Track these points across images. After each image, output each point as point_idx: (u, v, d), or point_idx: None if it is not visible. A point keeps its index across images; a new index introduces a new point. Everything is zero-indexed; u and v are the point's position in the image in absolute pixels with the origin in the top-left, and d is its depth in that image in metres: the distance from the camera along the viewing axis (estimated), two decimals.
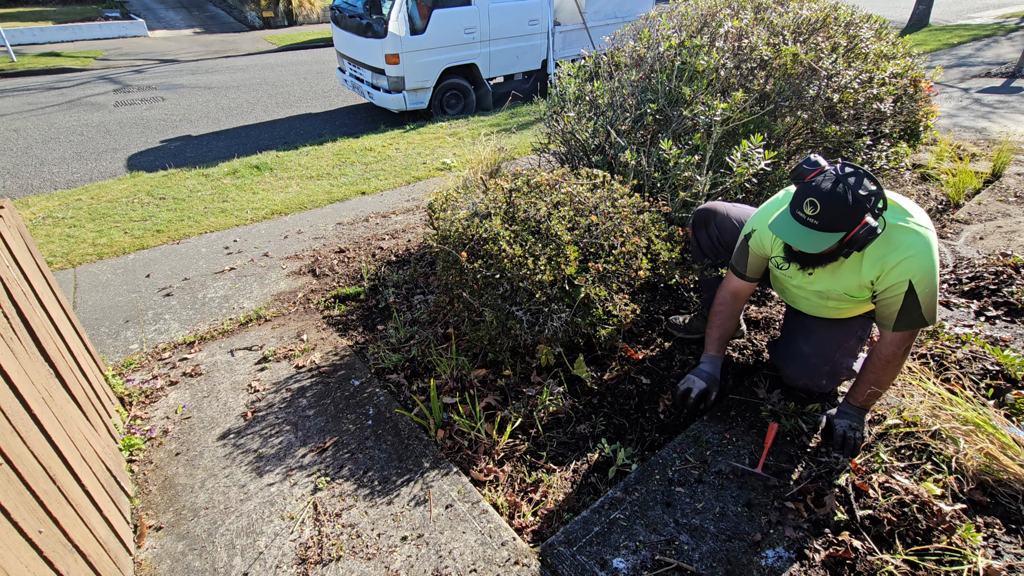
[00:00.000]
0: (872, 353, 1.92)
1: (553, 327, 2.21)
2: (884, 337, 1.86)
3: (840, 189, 1.61)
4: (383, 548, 1.80)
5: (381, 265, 3.51)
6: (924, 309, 1.75)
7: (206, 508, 1.97)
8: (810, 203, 1.64)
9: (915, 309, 1.75)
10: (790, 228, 1.72)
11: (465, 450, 2.15)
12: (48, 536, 1.30)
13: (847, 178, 1.64)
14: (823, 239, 1.67)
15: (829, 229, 1.65)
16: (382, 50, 6.73)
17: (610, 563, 1.70)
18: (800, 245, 1.70)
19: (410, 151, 5.82)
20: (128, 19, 15.23)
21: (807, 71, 3.05)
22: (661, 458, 2.05)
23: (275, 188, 4.91)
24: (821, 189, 1.64)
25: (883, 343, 1.87)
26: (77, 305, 3.21)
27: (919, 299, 1.73)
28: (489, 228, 2.29)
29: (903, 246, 1.71)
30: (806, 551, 1.70)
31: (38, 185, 5.59)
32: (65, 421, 1.63)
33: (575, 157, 3.26)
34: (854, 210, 1.61)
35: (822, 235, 1.67)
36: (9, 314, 1.60)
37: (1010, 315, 2.66)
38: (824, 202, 1.62)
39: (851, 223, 1.64)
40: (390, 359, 2.63)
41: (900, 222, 1.74)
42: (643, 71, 3.19)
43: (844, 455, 1.96)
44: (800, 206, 1.68)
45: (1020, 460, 1.76)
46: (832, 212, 1.62)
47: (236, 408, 2.42)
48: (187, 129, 7.34)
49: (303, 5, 16.41)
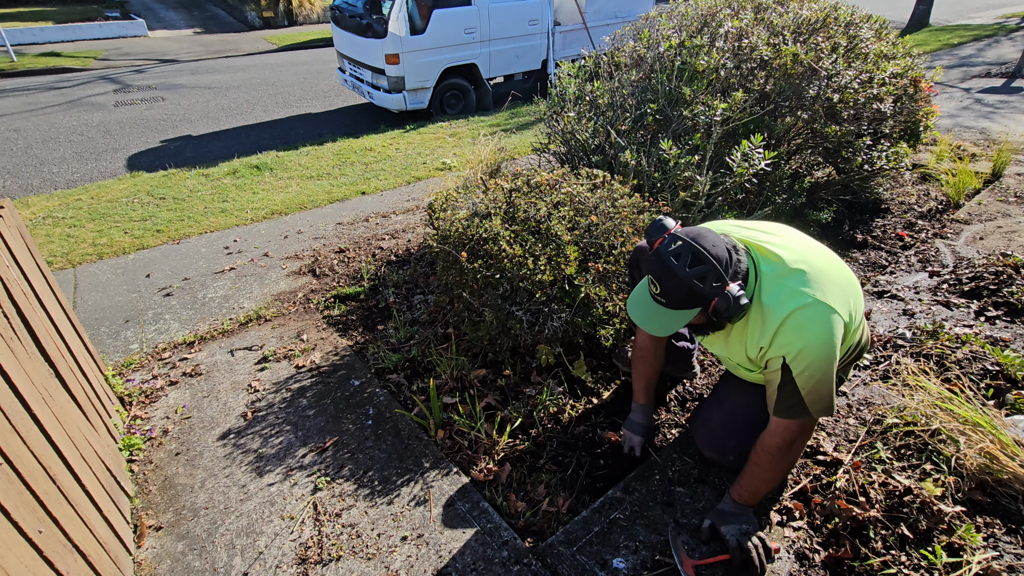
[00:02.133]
0: (757, 440, 1.63)
1: (553, 327, 2.21)
2: (771, 423, 1.57)
3: (671, 267, 1.41)
4: (383, 548, 1.80)
5: (381, 265, 3.51)
6: (805, 396, 1.45)
7: (206, 508, 1.97)
8: (651, 281, 1.46)
9: (793, 395, 1.46)
10: (643, 306, 1.52)
11: (465, 450, 2.15)
12: (48, 536, 1.30)
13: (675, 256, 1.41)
14: (676, 319, 1.47)
15: (678, 307, 1.45)
16: (382, 50, 6.73)
17: (610, 563, 1.70)
18: (653, 330, 1.51)
19: (410, 151, 5.82)
20: (128, 19, 15.22)
21: (807, 71, 3.05)
22: (661, 458, 2.06)
23: (275, 188, 4.91)
24: (655, 266, 1.44)
25: (768, 430, 1.58)
26: (77, 305, 3.21)
27: (796, 382, 1.44)
28: (489, 228, 2.29)
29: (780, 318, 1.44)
30: (806, 551, 1.70)
31: (38, 185, 5.59)
32: (65, 421, 1.63)
33: (575, 157, 3.26)
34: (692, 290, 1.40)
35: (673, 314, 1.46)
36: (9, 314, 1.60)
37: (1010, 315, 2.66)
38: (660, 281, 1.43)
39: (699, 301, 1.42)
40: (390, 359, 2.63)
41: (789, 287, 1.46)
42: (643, 71, 3.19)
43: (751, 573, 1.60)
44: (648, 282, 1.50)
45: (1020, 460, 1.76)
46: (672, 291, 1.42)
47: (236, 408, 2.42)
48: (187, 129, 7.34)
49: (303, 5, 16.40)
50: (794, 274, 1.48)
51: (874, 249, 3.50)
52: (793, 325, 1.43)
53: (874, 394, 2.28)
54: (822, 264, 1.52)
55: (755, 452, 1.63)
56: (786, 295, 1.46)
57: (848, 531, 1.72)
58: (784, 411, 1.50)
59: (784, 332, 1.44)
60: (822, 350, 1.42)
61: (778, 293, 1.47)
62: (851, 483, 1.86)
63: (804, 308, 1.43)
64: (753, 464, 1.63)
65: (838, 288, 1.49)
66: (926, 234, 3.59)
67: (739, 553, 1.62)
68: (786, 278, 1.48)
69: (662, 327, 1.50)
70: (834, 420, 2.18)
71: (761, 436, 1.61)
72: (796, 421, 1.51)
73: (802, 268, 1.49)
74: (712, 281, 1.39)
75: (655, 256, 1.46)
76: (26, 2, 18.08)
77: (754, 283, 1.51)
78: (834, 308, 1.44)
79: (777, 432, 1.55)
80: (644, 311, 1.52)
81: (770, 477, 1.62)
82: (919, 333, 2.58)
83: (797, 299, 1.44)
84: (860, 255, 3.45)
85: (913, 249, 3.42)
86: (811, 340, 1.42)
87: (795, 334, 1.43)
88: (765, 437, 1.59)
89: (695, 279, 1.39)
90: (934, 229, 3.64)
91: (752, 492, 1.66)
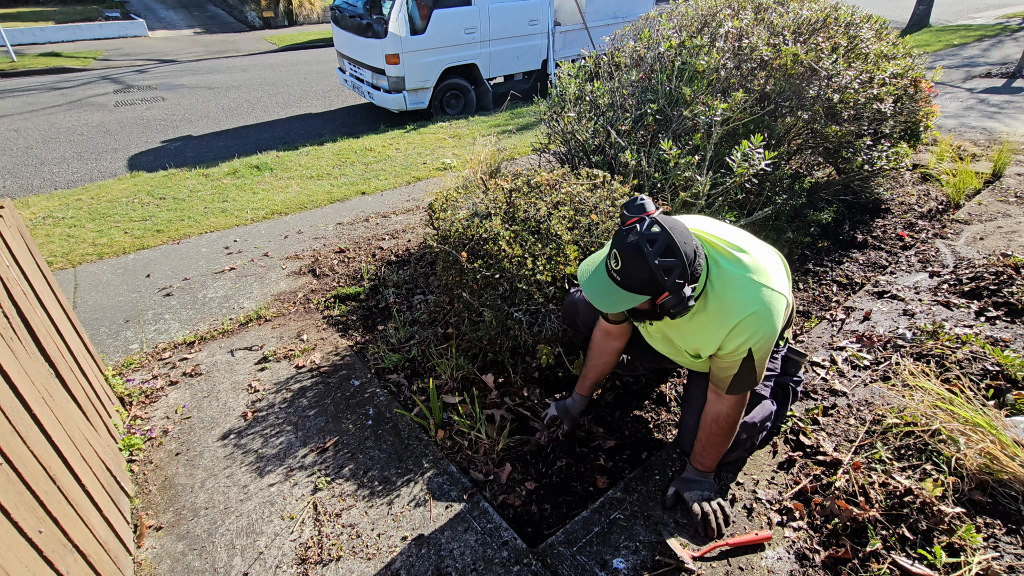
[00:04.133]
0: (706, 413, 1.77)
1: (552, 327, 2.21)
2: (720, 398, 1.72)
3: (642, 250, 1.40)
4: (383, 548, 1.80)
5: (381, 265, 3.51)
6: (757, 373, 1.63)
7: (206, 508, 1.97)
8: (614, 256, 1.45)
9: (750, 374, 1.63)
10: (596, 280, 1.52)
11: (465, 450, 2.15)
12: (48, 536, 1.30)
13: (650, 241, 1.41)
14: (623, 299, 1.47)
15: (631, 290, 1.45)
16: (382, 50, 6.73)
17: (610, 563, 1.70)
18: (598, 303, 1.50)
19: (410, 151, 5.82)
20: (128, 19, 15.23)
21: (807, 71, 3.05)
22: (661, 457, 2.05)
23: (275, 188, 4.91)
24: (626, 243, 1.42)
25: (725, 406, 1.72)
26: (77, 305, 3.21)
27: (755, 365, 1.61)
28: (489, 228, 2.29)
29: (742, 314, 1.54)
30: (806, 551, 1.70)
31: (38, 185, 5.59)
32: (65, 421, 1.63)
33: (575, 157, 3.26)
34: (654, 278, 1.41)
35: (623, 294, 1.46)
36: (9, 314, 1.60)
37: (1010, 315, 2.66)
38: (624, 259, 1.43)
39: (654, 290, 1.44)
40: (390, 359, 2.63)
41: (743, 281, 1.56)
42: (643, 71, 3.19)
43: (708, 535, 1.75)
44: (609, 256, 1.48)
45: (1020, 460, 1.76)
46: (632, 272, 1.42)
47: (236, 408, 2.42)
48: (187, 129, 7.34)
49: (303, 5, 16.41)
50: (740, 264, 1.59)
51: (874, 249, 3.50)
52: (757, 318, 1.54)
53: (874, 394, 2.28)
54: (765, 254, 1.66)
55: (713, 425, 1.77)
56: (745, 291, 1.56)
57: (848, 531, 1.72)
58: (740, 388, 1.67)
59: (746, 326, 1.55)
60: (774, 333, 1.58)
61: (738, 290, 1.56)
62: (851, 483, 1.86)
63: (764, 300, 1.55)
64: (712, 435, 1.78)
65: (780, 273, 1.65)
66: (926, 234, 3.58)
67: (700, 517, 1.77)
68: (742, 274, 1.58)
69: (607, 302, 1.50)
70: (834, 420, 2.19)
71: (715, 412, 1.75)
72: (746, 393, 1.71)
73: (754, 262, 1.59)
74: (676, 276, 1.42)
75: (628, 234, 1.43)
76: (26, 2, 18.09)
77: (703, 284, 1.57)
78: (784, 294, 1.60)
79: (733, 406, 1.72)
80: (595, 281, 1.53)
81: (727, 444, 1.81)
82: (919, 333, 2.58)
83: (755, 292, 1.55)
84: (860, 255, 3.45)
85: (913, 249, 3.41)
86: (769, 327, 1.56)
87: (757, 324, 1.55)
88: (722, 411, 1.73)
89: (662, 269, 1.40)
90: (934, 229, 3.64)
91: (713, 459, 1.84)
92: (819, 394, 2.32)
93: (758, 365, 1.62)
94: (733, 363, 1.62)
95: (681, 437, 1.98)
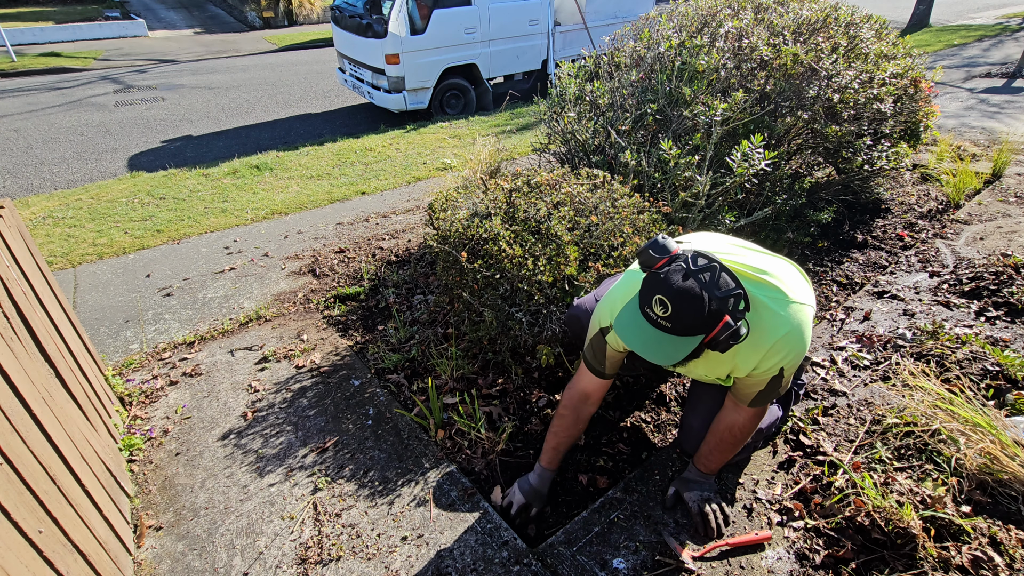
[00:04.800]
0: (720, 420, 1.75)
1: (553, 328, 2.21)
2: (739, 408, 1.69)
3: (694, 286, 1.30)
4: (383, 548, 1.80)
5: (381, 265, 3.51)
6: (782, 387, 1.60)
7: (206, 508, 1.97)
8: (659, 302, 1.31)
9: (775, 389, 1.60)
10: (640, 334, 1.38)
11: (465, 450, 2.15)
12: (48, 536, 1.30)
13: (700, 273, 1.31)
14: (679, 346, 1.35)
15: (686, 333, 1.32)
16: (382, 50, 6.73)
17: (610, 563, 1.70)
18: (654, 358, 1.37)
19: (410, 151, 5.82)
20: (128, 19, 15.22)
21: (807, 71, 3.05)
22: (661, 458, 2.06)
23: (275, 188, 4.91)
24: (671, 285, 1.30)
25: (735, 412, 1.70)
26: (77, 305, 3.21)
27: (783, 380, 1.58)
28: (489, 228, 2.29)
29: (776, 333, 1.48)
30: (806, 551, 1.70)
31: (38, 185, 5.59)
32: (65, 421, 1.63)
33: (575, 157, 3.26)
34: (713, 313, 1.30)
35: (678, 341, 1.34)
36: (9, 314, 1.60)
37: (1010, 315, 2.66)
38: (676, 302, 1.29)
39: (710, 324, 1.32)
40: (390, 359, 2.63)
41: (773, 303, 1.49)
42: (643, 71, 3.19)
43: (708, 535, 1.76)
44: (649, 303, 1.34)
45: (1020, 460, 1.76)
46: (687, 314, 1.29)
47: (236, 408, 2.42)
48: (187, 129, 7.34)
49: (303, 5, 16.41)
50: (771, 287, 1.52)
51: (874, 249, 3.50)
52: (790, 338, 1.49)
53: (874, 394, 2.28)
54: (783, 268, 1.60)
55: (726, 432, 1.74)
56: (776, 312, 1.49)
57: (848, 531, 1.72)
58: (762, 402, 1.64)
59: (779, 347, 1.50)
60: (805, 348, 1.54)
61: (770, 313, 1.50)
62: (851, 483, 1.86)
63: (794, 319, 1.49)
64: (723, 441, 1.76)
65: (801, 282, 1.61)
66: (926, 234, 3.58)
67: (700, 517, 1.78)
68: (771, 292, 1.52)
69: (663, 355, 1.36)
70: (834, 420, 2.19)
71: (730, 421, 1.72)
72: (766, 406, 1.68)
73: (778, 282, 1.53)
74: (737, 305, 1.31)
75: (672, 276, 1.32)
76: (26, 2, 18.08)
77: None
78: (809, 303, 1.56)
79: (750, 418, 1.69)
80: (643, 336, 1.38)
81: (737, 450, 1.80)
82: (919, 333, 2.58)
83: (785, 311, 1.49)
84: (860, 255, 3.45)
85: (913, 249, 3.41)
86: (801, 345, 1.52)
87: (791, 344, 1.50)
88: (738, 421, 1.70)
89: (725, 301, 1.30)
90: (934, 229, 3.64)
91: (719, 463, 1.83)
92: (819, 394, 2.32)
93: (785, 380, 1.58)
94: (761, 381, 1.58)
95: (684, 438, 1.97)
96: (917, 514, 1.66)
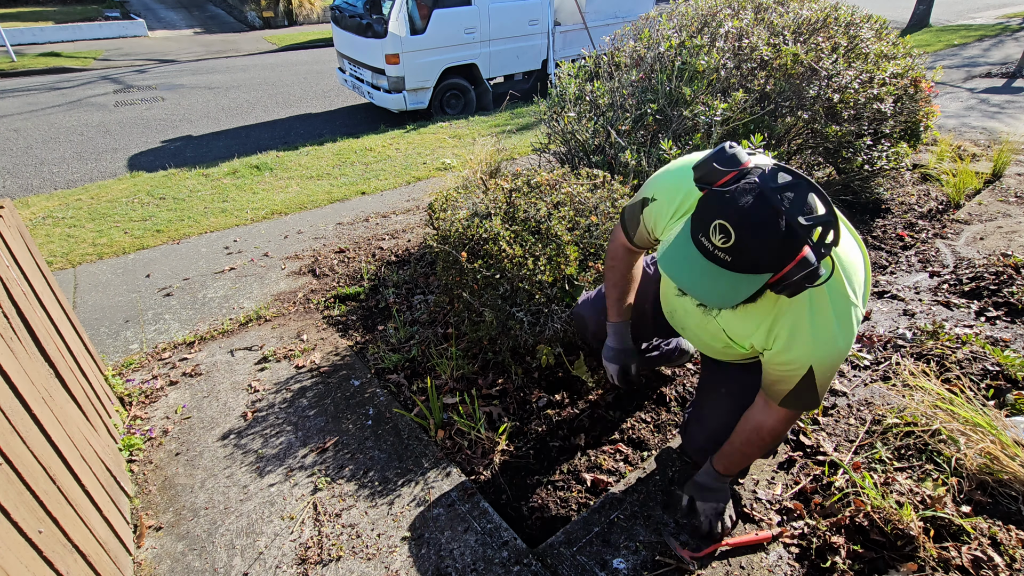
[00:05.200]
0: (748, 418, 1.55)
1: (554, 328, 2.21)
2: (769, 407, 1.48)
3: (768, 208, 1.02)
4: (383, 548, 1.80)
5: (381, 265, 3.51)
6: (819, 391, 1.38)
7: (206, 508, 1.97)
8: (719, 228, 1.04)
9: (809, 391, 1.37)
10: (689, 266, 1.11)
11: (465, 450, 2.15)
12: (48, 536, 1.30)
13: (781, 192, 1.03)
14: (739, 286, 1.08)
15: (749, 270, 1.06)
16: (382, 50, 6.73)
17: (610, 563, 1.70)
18: (705, 298, 1.11)
19: (410, 151, 5.82)
20: (128, 19, 15.22)
21: (807, 71, 3.05)
22: (661, 458, 2.05)
23: (275, 188, 4.91)
24: (739, 207, 1.03)
25: (765, 412, 1.50)
26: (77, 305, 3.21)
27: (816, 382, 1.34)
28: (489, 228, 2.29)
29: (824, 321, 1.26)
30: (806, 551, 1.70)
31: (38, 185, 5.59)
32: (65, 421, 1.63)
33: (575, 157, 3.26)
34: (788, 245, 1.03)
35: (737, 279, 1.07)
36: (9, 314, 1.60)
37: (1010, 315, 2.66)
38: (741, 229, 1.02)
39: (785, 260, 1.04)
40: (390, 359, 2.63)
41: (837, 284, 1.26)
42: (643, 71, 3.19)
43: (709, 537, 1.74)
44: (705, 230, 1.07)
45: (1020, 460, 1.76)
46: (754, 246, 1.03)
47: (236, 408, 2.42)
48: (187, 129, 7.34)
49: (303, 5, 16.40)
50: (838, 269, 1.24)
51: (874, 249, 3.50)
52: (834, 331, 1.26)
53: (874, 394, 2.28)
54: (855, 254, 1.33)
55: (753, 433, 1.55)
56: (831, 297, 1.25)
57: (848, 531, 1.72)
58: (793, 403, 1.42)
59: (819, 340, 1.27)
60: (845, 351, 1.30)
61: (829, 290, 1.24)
62: (851, 483, 1.86)
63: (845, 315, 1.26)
64: (748, 443, 1.57)
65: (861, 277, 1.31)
66: (926, 234, 3.58)
67: (707, 527, 1.74)
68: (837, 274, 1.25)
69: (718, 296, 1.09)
70: (834, 420, 2.19)
71: (758, 421, 1.52)
72: (799, 411, 1.48)
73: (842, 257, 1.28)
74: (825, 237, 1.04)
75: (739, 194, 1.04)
76: (26, 2, 18.08)
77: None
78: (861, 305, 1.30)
79: (781, 420, 1.49)
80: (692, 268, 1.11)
81: (760, 454, 1.69)
82: (919, 333, 2.58)
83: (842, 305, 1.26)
84: None
85: (913, 249, 3.41)
86: (844, 345, 1.28)
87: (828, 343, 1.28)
88: (767, 423, 1.50)
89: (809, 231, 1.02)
90: (934, 229, 3.63)
91: (739, 466, 1.70)
92: None
93: (819, 387, 1.35)
94: (787, 376, 1.36)
95: (692, 436, 1.81)
96: (917, 514, 1.66)
